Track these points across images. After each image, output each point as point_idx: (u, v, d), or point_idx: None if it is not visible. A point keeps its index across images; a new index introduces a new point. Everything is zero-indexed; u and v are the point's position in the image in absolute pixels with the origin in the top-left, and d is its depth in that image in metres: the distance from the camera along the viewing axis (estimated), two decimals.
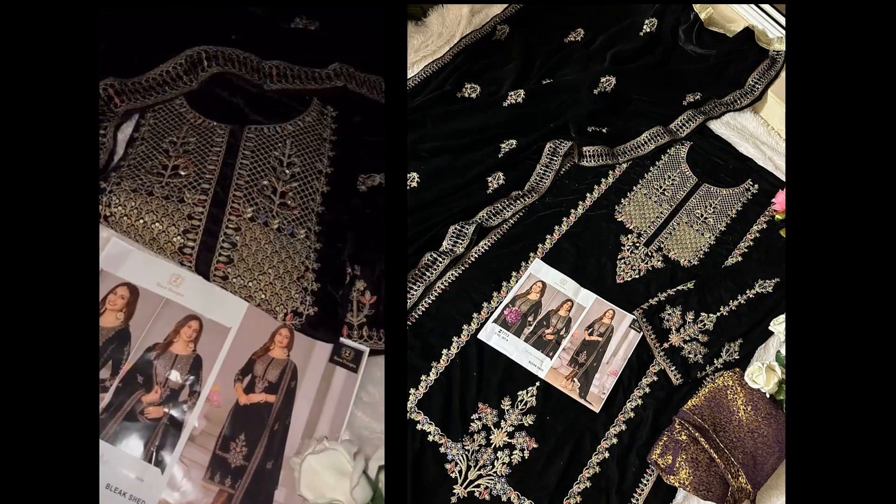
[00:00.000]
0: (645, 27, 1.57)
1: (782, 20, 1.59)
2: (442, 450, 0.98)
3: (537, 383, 1.05)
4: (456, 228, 1.17)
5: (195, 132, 1.09)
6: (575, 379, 1.06)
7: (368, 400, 0.97)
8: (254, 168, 1.06)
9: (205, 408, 0.90)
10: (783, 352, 1.07)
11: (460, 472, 0.97)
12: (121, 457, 0.85)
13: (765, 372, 1.00)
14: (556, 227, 1.22)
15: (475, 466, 0.97)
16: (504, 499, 0.95)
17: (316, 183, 1.09)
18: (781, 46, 1.55)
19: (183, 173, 1.02)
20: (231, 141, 1.08)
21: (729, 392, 1.01)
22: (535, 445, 1.00)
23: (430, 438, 0.98)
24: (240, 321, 0.96)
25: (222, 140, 1.07)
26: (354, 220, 1.07)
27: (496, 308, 1.11)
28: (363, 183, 1.11)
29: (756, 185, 1.32)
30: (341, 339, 0.99)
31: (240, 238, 0.98)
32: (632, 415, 1.04)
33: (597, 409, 1.03)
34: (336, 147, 1.15)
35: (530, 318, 1.11)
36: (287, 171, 1.08)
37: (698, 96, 1.45)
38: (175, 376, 0.91)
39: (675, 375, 1.06)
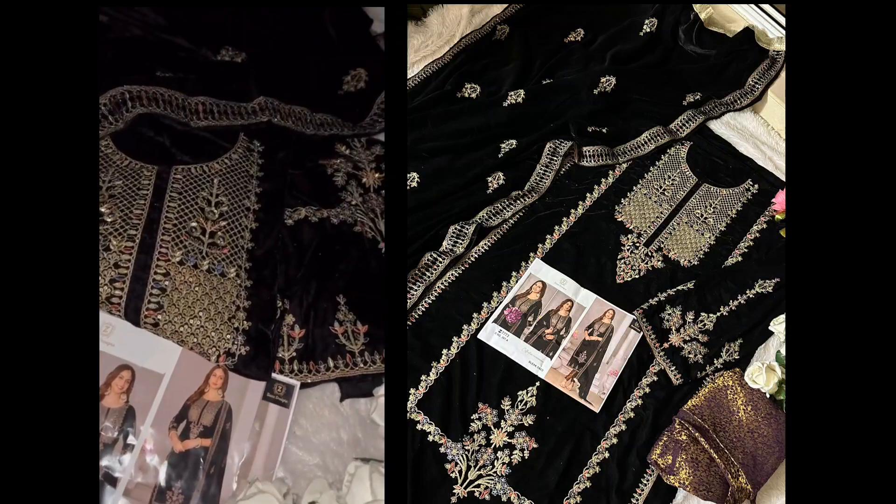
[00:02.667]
0: (645, 27, 1.57)
1: (782, 20, 1.59)
2: (442, 450, 0.98)
3: (537, 383, 1.05)
4: (456, 228, 1.17)
5: (121, 175, 1.06)
6: (575, 379, 1.06)
7: (301, 433, 0.98)
8: (182, 210, 1.04)
9: (140, 459, 0.89)
10: (783, 352, 1.07)
11: (460, 472, 0.97)
12: None
13: (765, 372, 1.00)
14: (556, 227, 1.22)
15: (475, 466, 0.97)
16: (504, 499, 0.95)
17: (244, 220, 1.09)
18: (781, 46, 1.55)
19: (109, 219, 1.00)
20: (158, 183, 1.06)
21: (729, 392, 1.01)
22: (535, 445, 1.00)
23: (430, 438, 0.98)
24: (173, 366, 0.95)
25: (149, 182, 1.05)
26: (283, 255, 1.08)
27: (496, 308, 1.11)
28: (290, 217, 1.12)
29: (756, 185, 1.32)
30: (273, 376, 0.99)
31: (169, 283, 0.97)
32: (632, 415, 1.04)
33: (597, 409, 1.03)
34: (263, 183, 1.14)
35: (530, 318, 1.11)
36: (215, 211, 1.07)
37: (698, 96, 1.45)
38: (108, 430, 0.89)
39: (675, 375, 1.06)
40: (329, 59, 1.34)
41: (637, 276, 1.18)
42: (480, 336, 1.08)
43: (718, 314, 1.13)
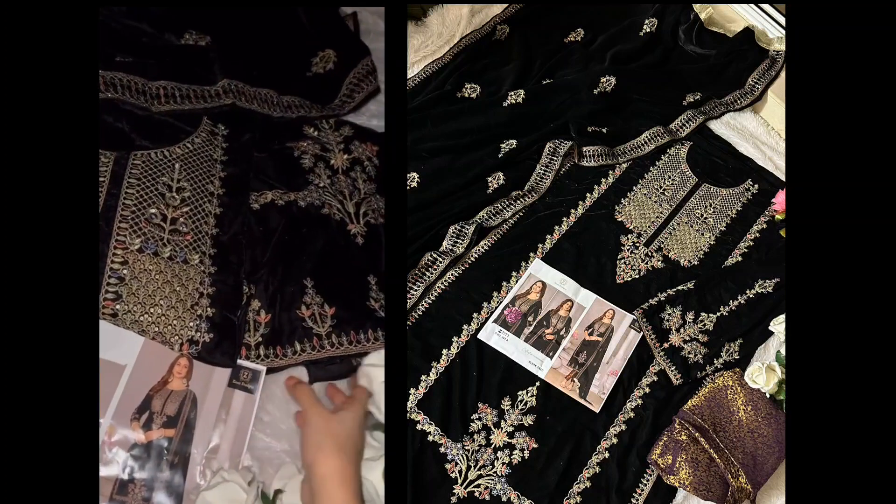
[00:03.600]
0: (645, 27, 1.57)
1: (782, 20, 1.59)
2: (442, 450, 0.98)
3: (537, 383, 1.05)
4: (456, 228, 1.17)
5: None
6: (575, 379, 1.06)
7: (269, 419, 0.96)
8: (140, 197, 1.01)
9: (101, 453, 0.86)
10: (783, 352, 1.07)
11: (460, 472, 0.97)
12: None
13: (765, 372, 1.00)
14: (556, 227, 1.22)
15: (475, 466, 0.97)
16: (504, 499, 0.96)
17: (208, 205, 1.05)
18: (781, 46, 1.55)
19: None
20: (115, 169, 1.02)
21: (729, 392, 1.01)
22: (535, 445, 1.00)
23: (430, 438, 0.98)
24: (135, 357, 0.92)
25: (106, 169, 1.02)
26: (249, 239, 1.06)
27: (496, 308, 1.11)
28: (255, 201, 1.09)
29: (756, 185, 1.32)
30: (239, 362, 0.97)
31: (128, 271, 0.95)
32: (632, 415, 1.04)
33: (597, 409, 1.03)
34: (227, 167, 1.11)
35: (530, 318, 1.11)
36: (177, 197, 1.03)
37: (698, 96, 1.45)
38: None
39: (675, 375, 1.06)
40: (297, 40, 1.31)
41: (637, 276, 1.18)
42: (480, 336, 1.08)
43: (718, 314, 1.13)
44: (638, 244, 1.22)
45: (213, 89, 1.17)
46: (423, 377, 1.03)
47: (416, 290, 1.10)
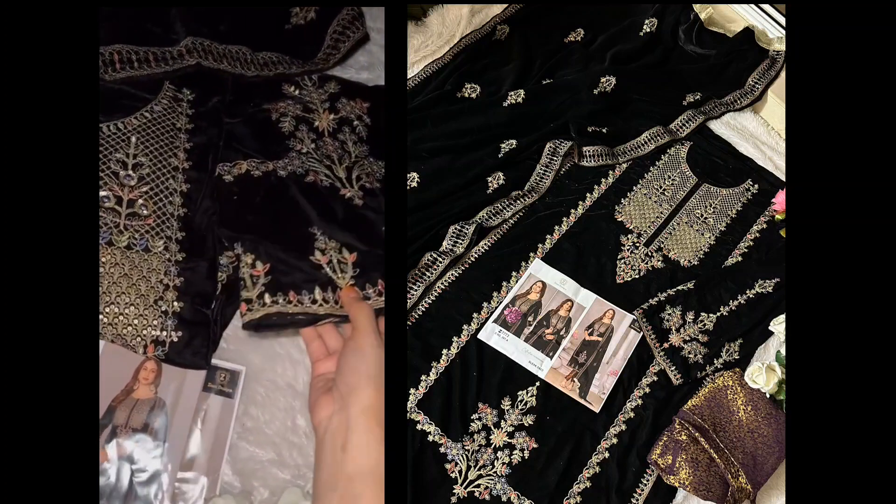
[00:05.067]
0: (645, 27, 1.57)
1: (782, 20, 1.59)
2: (442, 450, 0.98)
3: (537, 383, 1.05)
4: (456, 228, 1.17)
5: None
6: (575, 379, 1.06)
7: (252, 425, 0.86)
8: None
9: None
10: (783, 352, 1.07)
11: (460, 472, 0.97)
12: None
13: (765, 372, 1.00)
14: (556, 227, 1.22)
15: (475, 466, 0.97)
16: (504, 499, 0.95)
17: (172, 182, 0.93)
18: (781, 46, 1.55)
19: None
20: None
21: (729, 392, 1.01)
22: (535, 445, 1.00)
23: (430, 438, 0.98)
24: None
25: None
26: (222, 218, 0.91)
27: (496, 308, 1.11)
28: (228, 172, 0.94)
29: (756, 185, 1.32)
30: (214, 362, 0.87)
31: None
32: (632, 415, 1.04)
33: (597, 409, 1.03)
34: (193, 136, 0.97)
35: (530, 318, 1.11)
36: (133, 175, 0.91)
37: (698, 96, 1.45)
38: None
39: (675, 375, 1.06)
40: None
41: (637, 276, 1.18)
42: (480, 336, 1.08)
43: (718, 314, 1.13)
44: (638, 244, 1.22)
45: (176, 49, 1.03)
46: (423, 377, 1.03)
47: (416, 290, 1.10)
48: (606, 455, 1.00)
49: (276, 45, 1.11)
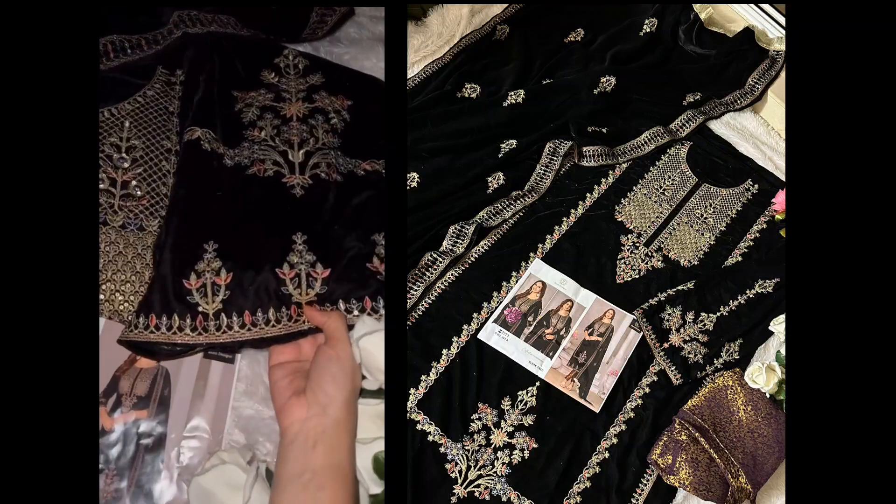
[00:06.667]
0: (645, 27, 1.57)
1: (782, 20, 1.59)
2: (442, 450, 0.98)
3: (537, 383, 1.05)
4: (456, 228, 1.17)
5: None
6: (575, 379, 1.06)
7: (253, 386, 0.88)
8: None
9: None
10: (783, 352, 1.07)
11: (460, 472, 0.97)
12: None
13: (765, 372, 1.00)
14: (556, 227, 1.22)
15: (475, 466, 0.97)
16: (504, 499, 0.95)
17: (165, 164, 0.95)
18: (781, 46, 1.55)
19: None
20: None
21: (729, 392, 1.01)
22: (535, 445, 1.00)
23: (430, 438, 0.98)
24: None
25: None
26: (192, 200, 0.91)
27: (496, 308, 1.11)
28: (184, 135, 0.95)
29: (756, 185, 1.32)
30: None
31: None
32: (632, 415, 1.04)
33: (597, 409, 1.03)
34: (184, 120, 0.98)
35: (530, 318, 1.11)
36: (127, 157, 0.93)
37: (698, 96, 1.45)
38: None
39: (675, 375, 1.06)
40: None
41: (637, 276, 1.18)
42: (480, 336, 1.08)
43: (718, 314, 1.13)
44: (638, 244, 1.22)
45: (166, 28, 1.05)
46: (423, 377, 1.03)
47: (416, 290, 1.10)
48: (606, 455, 1.00)
49: (264, 20, 1.12)
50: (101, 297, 0.84)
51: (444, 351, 1.06)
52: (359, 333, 0.80)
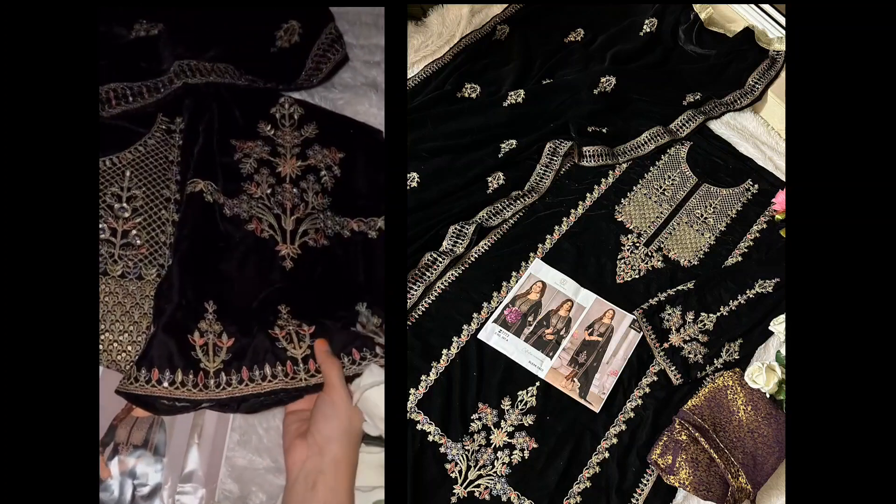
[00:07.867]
0: (645, 27, 1.57)
1: (782, 20, 1.59)
2: (442, 450, 0.98)
3: (537, 383, 1.05)
4: (456, 228, 1.17)
5: None
6: (575, 379, 1.06)
7: (247, 436, 0.89)
8: None
9: None
10: (783, 352, 1.07)
11: (460, 472, 0.97)
12: None
13: (765, 372, 1.00)
14: (556, 227, 1.22)
15: (475, 466, 0.97)
16: (504, 499, 0.95)
17: (164, 213, 0.96)
18: (781, 46, 1.56)
19: None
20: None
21: (729, 392, 1.01)
22: (535, 445, 1.00)
23: (430, 438, 0.98)
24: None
25: None
26: (191, 253, 0.93)
27: (496, 308, 1.11)
28: (187, 188, 0.97)
29: (756, 185, 1.32)
30: None
31: None
32: (632, 415, 1.04)
33: (597, 409, 1.03)
34: (184, 169, 0.99)
35: (530, 318, 1.11)
36: (128, 207, 0.94)
37: (698, 96, 1.45)
38: None
39: (675, 375, 1.06)
40: (258, 14, 1.18)
41: (637, 276, 1.18)
42: (480, 336, 1.08)
43: (718, 314, 1.13)
44: (638, 244, 1.22)
45: (166, 77, 1.06)
46: (423, 377, 1.03)
47: (416, 290, 1.10)
48: (606, 455, 1.00)
49: (262, 68, 1.14)
50: (101, 345, 0.85)
51: (444, 351, 1.06)
52: (365, 382, 0.83)
